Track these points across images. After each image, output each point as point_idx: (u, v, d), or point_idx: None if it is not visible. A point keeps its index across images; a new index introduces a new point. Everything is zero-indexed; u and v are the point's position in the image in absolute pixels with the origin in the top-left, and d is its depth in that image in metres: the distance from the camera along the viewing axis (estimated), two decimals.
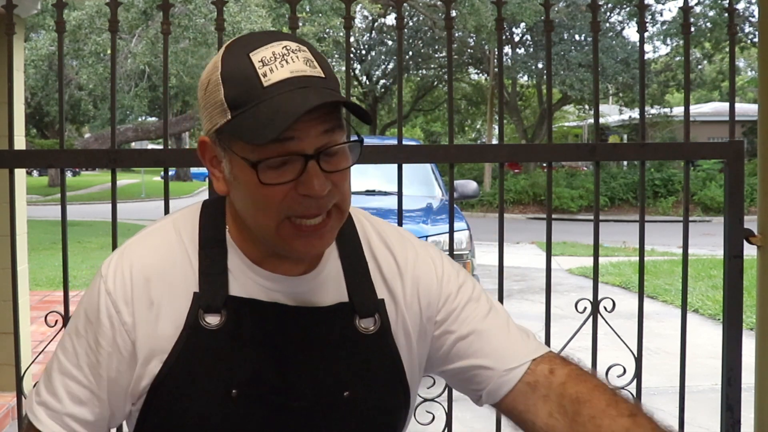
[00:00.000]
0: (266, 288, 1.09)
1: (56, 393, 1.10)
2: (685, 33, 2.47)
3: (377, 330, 1.12)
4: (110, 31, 2.31)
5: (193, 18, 13.50)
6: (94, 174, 42.15)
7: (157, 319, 1.07)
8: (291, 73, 0.98)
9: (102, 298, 1.08)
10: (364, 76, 30.46)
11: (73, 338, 1.11)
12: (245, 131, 0.98)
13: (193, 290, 1.08)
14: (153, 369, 1.07)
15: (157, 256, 1.09)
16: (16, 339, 2.38)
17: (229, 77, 1.00)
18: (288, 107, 0.96)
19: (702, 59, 28.07)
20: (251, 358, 1.07)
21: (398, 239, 1.20)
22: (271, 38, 1.01)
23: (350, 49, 2.42)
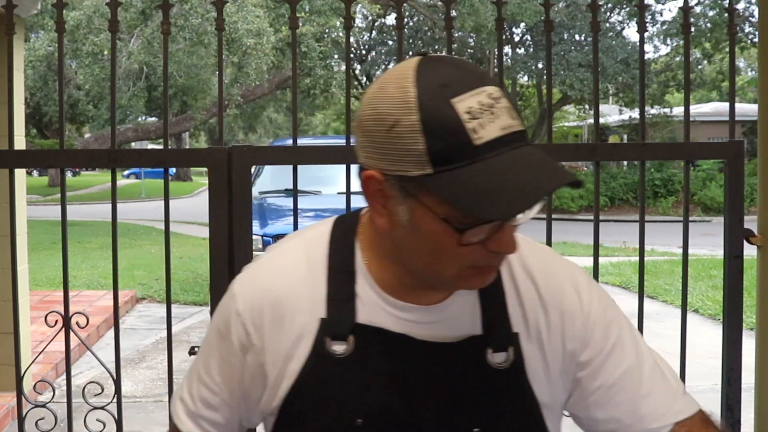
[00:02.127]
0: (396, 317, 1.06)
1: (192, 395, 1.16)
2: (685, 33, 2.47)
3: (510, 365, 1.06)
4: (110, 32, 2.31)
5: (189, 18, 13.49)
6: (94, 174, 42.16)
7: (286, 343, 1.06)
8: (502, 130, 0.90)
9: (233, 319, 1.09)
10: (364, 76, 30.46)
11: (208, 348, 1.15)
12: (461, 198, 0.89)
13: (321, 316, 1.06)
14: (282, 392, 1.07)
15: (287, 280, 1.08)
16: (16, 339, 2.38)
17: (432, 127, 0.89)
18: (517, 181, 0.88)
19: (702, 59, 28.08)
20: (378, 388, 1.05)
21: (544, 267, 1.12)
22: (471, 79, 0.91)
23: (350, 49, 2.42)
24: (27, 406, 2.38)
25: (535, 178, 0.89)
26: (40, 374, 4.88)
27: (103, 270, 9.88)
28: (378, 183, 0.96)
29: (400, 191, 0.95)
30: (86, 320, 2.43)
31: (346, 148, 2.31)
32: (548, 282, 1.10)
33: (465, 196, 0.89)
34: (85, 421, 2.53)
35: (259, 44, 14.05)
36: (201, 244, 12.48)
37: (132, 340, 6.68)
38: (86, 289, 8.68)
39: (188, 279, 9.59)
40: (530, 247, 1.14)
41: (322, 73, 16.73)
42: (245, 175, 2.24)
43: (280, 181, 6.33)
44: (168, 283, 2.35)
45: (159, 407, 5.05)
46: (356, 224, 1.10)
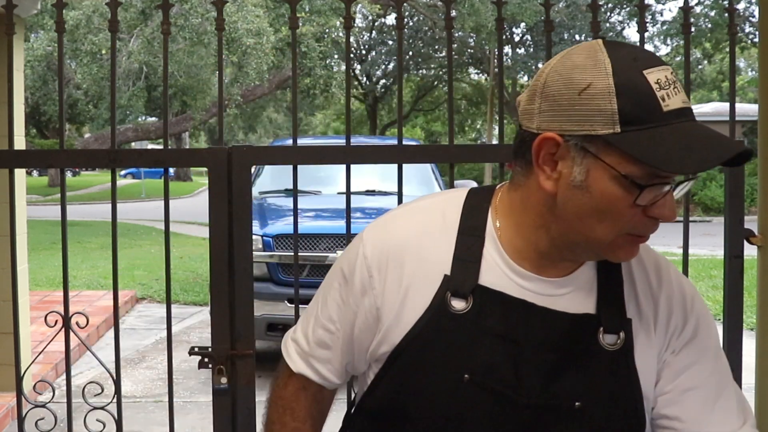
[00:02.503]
0: (517, 284, 1.11)
1: (307, 335, 1.23)
2: (686, 33, 2.47)
3: (620, 348, 1.11)
4: (110, 31, 2.31)
5: (189, 18, 13.48)
6: (94, 174, 42.16)
7: (406, 293, 1.12)
8: (683, 103, 1.00)
9: (359, 261, 1.15)
10: (364, 76, 30.45)
11: (329, 289, 1.21)
12: (652, 155, 0.97)
13: (445, 272, 1.11)
14: (394, 339, 1.12)
15: (418, 234, 1.14)
16: (16, 339, 2.38)
17: (625, 90, 0.98)
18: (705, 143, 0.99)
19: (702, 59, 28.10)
20: (489, 347, 1.10)
21: (657, 265, 1.18)
22: (655, 59, 1.02)
23: (350, 49, 2.42)
24: (27, 406, 2.38)
25: (716, 142, 0.99)
26: (40, 374, 4.88)
27: (103, 270, 9.88)
28: (554, 145, 1.03)
29: (579, 152, 1.02)
30: (86, 320, 2.43)
31: (346, 148, 2.31)
32: (660, 279, 1.16)
33: (655, 153, 0.97)
34: (85, 421, 2.53)
35: (259, 44, 14.05)
36: (201, 244, 12.48)
37: (132, 340, 6.68)
38: (86, 289, 8.68)
39: (188, 279, 9.59)
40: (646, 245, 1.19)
41: (322, 73, 16.73)
42: (245, 175, 2.23)
43: (280, 181, 6.32)
44: (168, 283, 2.34)
45: (159, 407, 5.05)
46: (491, 195, 1.17)
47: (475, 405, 1.10)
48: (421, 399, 1.12)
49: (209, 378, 2.31)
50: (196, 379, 5.55)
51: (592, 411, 1.10)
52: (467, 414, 1.10)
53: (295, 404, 1.26)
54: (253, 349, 2.23)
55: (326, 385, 1.26)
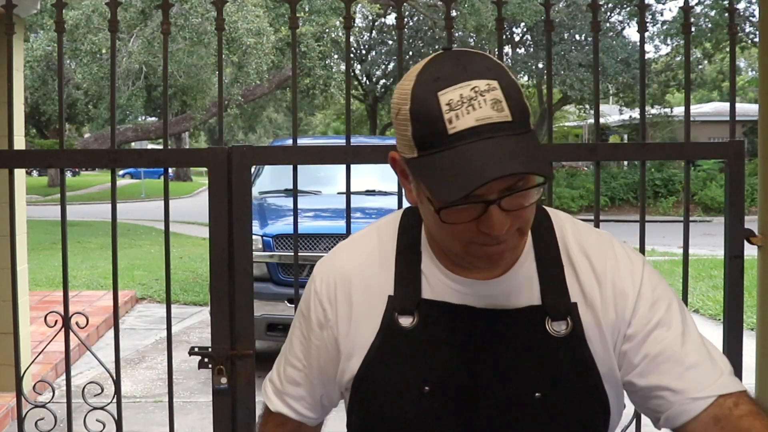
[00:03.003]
0: (458, 291, 1.14)
1: (280, 374, 1.29)
2: (686, 33, 2.47)
3: (569, 333, 1.13)
4: (110, 31, 2.31)
5: (189, 18, 13.48)
6: (94, 174, 42.15)
7: (358, 319, 1.17)
8: (476, 121, 0.98)
9: (312, 297, 1.21)
10: (364, 76, 30.46)
11: (294, 330, 1.27)
12: (429, 181, 1.01)
13: (389, 293, 1.16)
14: (353, 365, 1.17)
15: (359, 261, 1.19)
16: (16, 339, 2.38)
17: (417, 116, 1.01)
18: (471, 167, 0.96)
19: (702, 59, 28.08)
20: (443, 357, 1.13)
21: (597, 246, 1.18)
22: (462, 74, 1.00)
23: (350, 49, 2.42)
24: (27, 407, 2.38)
25: (490, 165, 0.96)
26: (40, 374, 4.88)
27: (102, 270, 9.88)
28: (398, 164, 1.10)
29: (409, 171, 1.07)
30: (86, 320, 2.43)
31: (346, 148, 2.31)
32: (603, 259, 1.16)
33: (431, 179, 1.00)
34: (85, 422, 2.53)
35: (259, 44, 14.04)
36: (201, 244, 12.48)
37: (132, 340, 6.68)
38: (86, 289, 8.68)
39: (188, 279, 9.59)
40: (588, 229, 1.21)
41: (322, 73, 16.72)
42: (245, 175, 2.23)
43: (280, 181, 6.32)
44: (168, 283, 2.34)
45: (159, 407, 5.05)
46: None
47: (439, 414, 1.13)
48: (389, 416, 1.16)
49: (209, 378, 2.31)
50: (196, 379, 5.55)
51: (553, 399, 1.12)
52: (433, 424, 1.14)
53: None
54: (253, 349, 2.23)
55: (305, 421, 1.29)
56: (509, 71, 1.04)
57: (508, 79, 1.02)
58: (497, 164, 0.96)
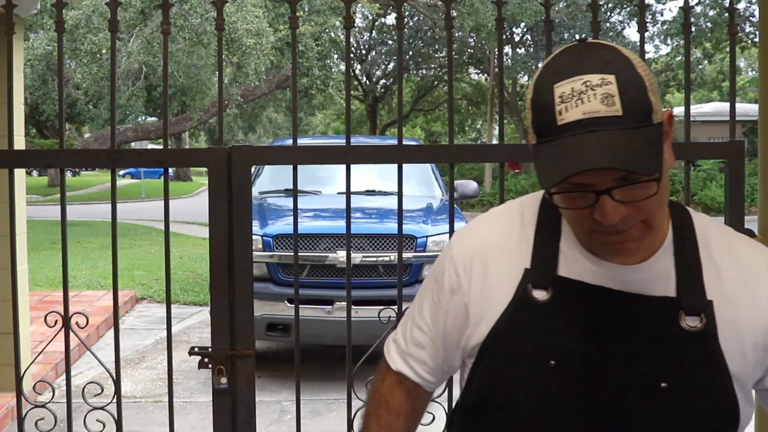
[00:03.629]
0: (594, 273, 1.16)
1: (405, 335, 1.33)
2: (686, 33, 2.47)
3: (702, 329, 1.13)
4: (110, 32, 2.31)
5: (189, 18, 13.47)
6: (94, 174, 42.16)
7: (491, 288, 1.20)
8: (583, 114, 1.02)
9: (447, 262, 1.26)
10: (364, 76, 30.45)
11: (424, 292, 1.31)
12: (536, 167, 1.07)
13: (525, 266, 1.19)
14: (481, 332, 1.20)
15: (499, 232, 1.23)
16: (16, 339, 2.37)
17: (535, 106, 1.07)
18: (565, 158, 1.01)
19: (702, 59, 28.09)
20: (572, 334, 1.15)
21: (750, 252, 1.20)
22: (577, 68, 1.05)
23: (350, 49, 2.42)
24: (27, 407, 2.38)
25: (581, 157, 1.00)
26: (40, 374, 4.88)
27: (102, 270, 9.88)
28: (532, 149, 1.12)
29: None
30: (86, 320, 2.43)
31: (346, 148, 2.31)
32: (755, 265, 1.18)
33: (538, 166, 1.07)
34: (85, 422, 2.53)
35: (258, 44, 14.03)
36: (201, 244, 12.48)
37: (132, 340, 6.68)
38: (86, 289, 8.68)
39: (188, 279, 9.59)
40: (740, 236, 1.23)
41: (320, 74, 16.71)
42: (245, 175, 2.23)
43: (280, 181, 6.33)
44: (168, 283, 2.34)
45: (159, 407, 5.05)
46: None
47: (564, 389, 1.15)
48: (511, 387, 1.18)
49: (209, 378, 2.31)
50: (196, 379, 5.54)
51: (679, 391, 1.13)
52: (558, 399, 1.16)
53: (390, 398, 1.35)
54: (253, 349, 2.23)
55: (422, 384, 1.34)
56: (637, 65, 1.06)
57: (629, 73, 1.04)
58: (587, 157, 1.00)
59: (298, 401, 2.37)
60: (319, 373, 5.65)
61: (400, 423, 1.34)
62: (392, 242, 5.45)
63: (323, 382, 5.47)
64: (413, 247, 5.46)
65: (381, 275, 5.48)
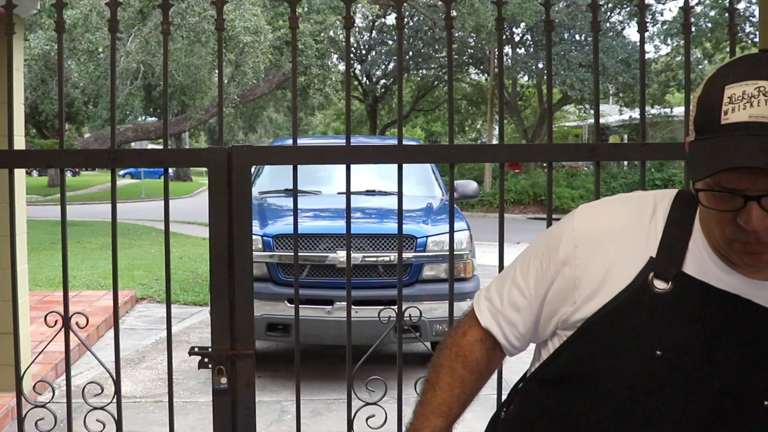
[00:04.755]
0: (720, 279, 1.13)
1: (501, 294, 1.30)
2: (686, 33, 2.47)
3: None
4: (110, 32, 2.31)
5: (186, 17, 13.46)
6: (94, 174, 42.15)
7: (610, 268, 1.17)
8: (749, 117, 1.01)
9: (567, 232, 1.23)
10: (364, 76, 30.45)
11: (531, 256, 1.28)
12: (692, 160, 1.06)
13: (650, 255, 1.16)
14: (591, 307, 1.17)
15: (629, 216, 1.21)
16: (16, 339, 2.37)
17: (702, 103, 1.07)
18: (723, 154, 1.00)
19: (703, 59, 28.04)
20: (685, 330, 1.12)
21: None
22: (753, 74, 1.04)
23: (350, 49, 2.42)
24: (26, 407, 2.38)
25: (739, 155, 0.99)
26: (40, 374, 4.88)
27: (102, 270, 9.87)
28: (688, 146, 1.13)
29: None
30: (86, 320, 2.43)
31: (346, 148, 2.31)
32: None
33: (694, 161, 1.06)
34: (85, 422, 2.53)
35: (256, 42, 14.01)
36: (201, 244, 12.48)
37: (132, 340, 6.68)
38: (86, 289, 8.67)
39: (188, 279, 9.58)
40: None
41: (318, 73, 16.70)
42: (245, 175, 2.23)
43: (280, 181, 6.33)
44: (168, 283, 2.34)
45: (159, 407, 5.05)
46: None
47: (665, 381, 1.13)
48: (611, 369, 1.15)
49: (209, 378, 2.31)
50: (196, 379, 5.54)
51: None
52: (656, 389, 1.13)
53: (469, 353, 1.32)
54: (253, 349, 2.23)
55: (505, 346, 1.31)
56: None
57: None
58: (745, 156, 0.98)
59: (298, 401, 2.37)
60: (319, 373, 5.65)
61: (472, 380, 1.32)
62: (392, 242, 5.45)
63: (323, 382, 5.47)
64: (413, 247, 5.46)
65: (381, 275, 5.48)
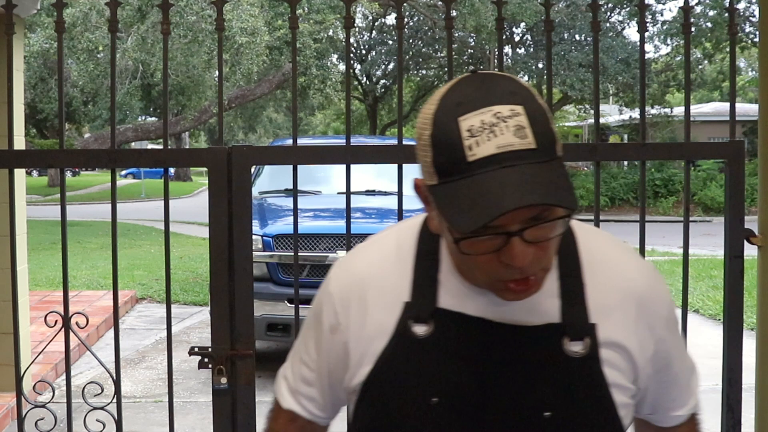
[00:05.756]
0: (475, 303, 1.10)
1: (294, 371, 1.28)
2: (686, 33, 2.47)
3: (585, 354, 1.10)
4: (110, 31, 2.31)
5: (184, 16, 13.45)
6: (94, 174, 42.16)
7: (370, 324, 1.14)
8: (497, 148, 0.94)
9: (325, 299, 1.20)
10: (364, 76, 30.45)
11: (307, 328, 1.26)
12: (446, 210, 0.97)
13: (405, 299, 1.12)
14: (364, 370, 1.14)
15: (376, 264, 1.16)
16: (16, 339, 2.37)
17: (437, 142, 0.98)
18: (488, 197, 0.93)
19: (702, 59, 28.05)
20: (454, 369, 1.10)
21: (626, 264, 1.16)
22: (484, 99, 0.97)
23: (350, 49, 2.42)
24: (27, 407, 2.38)
25: (507, 195, 0.92)
26: (40, 374, 4.88)
27: (102, 270, 9.88)
28: (421, 190, 1.07)
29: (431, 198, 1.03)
30: (86, 320, 2.43)
31: (346, 148, 2.31)
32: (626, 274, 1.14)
33: (449, 208, 0.97)
34: (85, 422, 2.53)
35: (252, 43, 14.00)
36: (201, 244, 12.48)
37: (132, 340, 6.68)
38: (86, 289, 8.67)
39: (188, 279, 9.58)
40: (616, 245, 1.18)
41: (318, 73, 16.69)
42: (245, 175, 2.23)
43: (280, 181, 6.33)
44: (168, 283, 2.34)
45: (159, 407, 5.05)
46: None
47: (447, 427, 1.11)
48: (395, 424, 1.13)
49: (209, 378, 2.31)
50: (196, 379, 5.54)
51: (563, 419, 1.10)
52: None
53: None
54: (253, 349, 2.23)
55: (315, 420, 1.28)
56: (537, 95, 1.00)
57: (534, 103, 0.98)
58: (515, 194, 0.92)
59: None
60: None
61: None
62: None
63: None
64: None
65: None
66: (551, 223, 0.98)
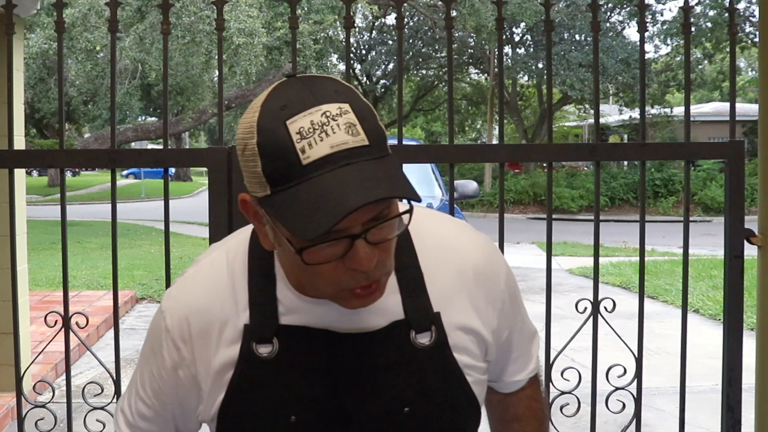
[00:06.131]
0: (317, 315, 1.08)
1: (131, 406, 1.21)
2: (686, 33, 2.47)
3: (433, 344, 1.10)
4: (110, 32, 2.31)
5: (182, 16, 13.45)
6: (94, 174, 42.18)
7: (216, 354, 1.10)
8: (331, 148, 0.90)
9: (163, 335, 1.12)
10: (364, 76, 30.45)
11: (142, 362, 1.19)
12: (287, 218, 0.92)
13: (245, 322, 1.08)
14: (217, 399, 1.11)
15: (210, 291, 1.11)
16: (16, 339, 2.37)
17: (266, 150, 0.92)
18: (330, 199, 0.89)
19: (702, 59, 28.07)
20: (306, 384, 1.08)
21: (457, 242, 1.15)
22: (310, 99, 0.93)
23: (350, 49, 2.42)
24: (27, 407, 2.38)
25: (351, 193, 0.89)
26: (40, 374, 4.88)
27: (102, 270, 9.88)
28: (249, 205, 1.01)
29: (263, 212, 0.98)
30: (86, 320, 2.43)
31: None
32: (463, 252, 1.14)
33: (288, 217, 0.92)
34: (85, 422, 2.53)
35: (249, 44, 14.01)
36: (201, 244, 12.48)
37: (132, 340, 6.67)
38: (86, 289, 8.67)
39: None
40: (444, 222, 1.18)
41: (317, 73, 16.68)
42: None
43: None
44: (168, 283, 2.34)
45: None
46: None
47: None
48: None
49: None
50: None
51: (422, 411, 1.10)
52: None
53: None
54: None
55: None
56: (359, 93, 0.98)
57: (359, 101, 0.96)
58: (359, 192, 0.89)
59: None
60: None
61: None
62: None
63: None
64: None
65: None
66: (391, 222, 0.96)
